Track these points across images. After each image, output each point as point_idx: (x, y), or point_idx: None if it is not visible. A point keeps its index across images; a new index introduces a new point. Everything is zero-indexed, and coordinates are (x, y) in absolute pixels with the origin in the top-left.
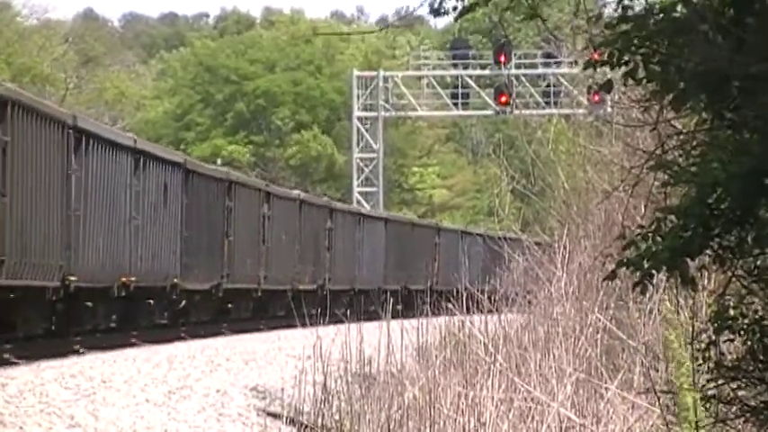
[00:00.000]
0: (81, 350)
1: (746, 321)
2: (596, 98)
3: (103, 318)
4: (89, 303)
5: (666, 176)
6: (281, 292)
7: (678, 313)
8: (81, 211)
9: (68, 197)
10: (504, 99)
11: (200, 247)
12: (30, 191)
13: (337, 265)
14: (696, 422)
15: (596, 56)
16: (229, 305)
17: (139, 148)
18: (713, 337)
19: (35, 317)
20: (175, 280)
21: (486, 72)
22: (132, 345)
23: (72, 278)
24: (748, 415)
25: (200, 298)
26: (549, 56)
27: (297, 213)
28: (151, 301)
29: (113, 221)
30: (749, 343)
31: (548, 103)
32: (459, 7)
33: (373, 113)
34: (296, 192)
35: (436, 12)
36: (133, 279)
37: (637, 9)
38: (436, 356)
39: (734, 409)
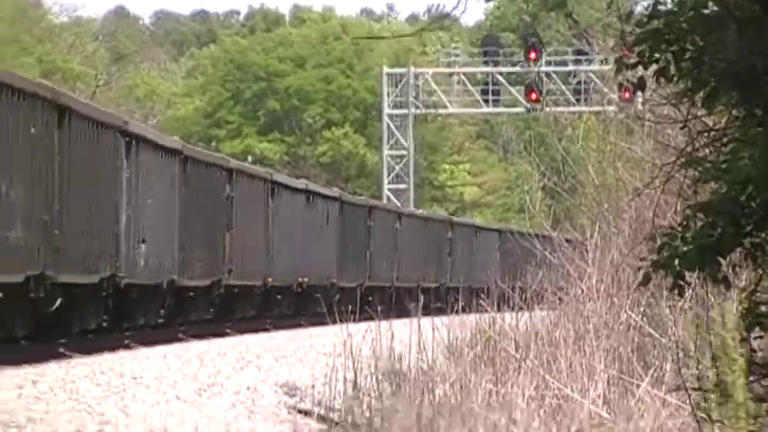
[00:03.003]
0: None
1: None
2: (627, 95)
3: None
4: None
5: (697, 173)
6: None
7: (709, 311)
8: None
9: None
10: (534, 96)
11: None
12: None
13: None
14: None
15: (627, 53)
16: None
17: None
18: (744, 335)
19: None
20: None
21: (517, 69)
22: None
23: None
24: None
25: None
26: (579, 53)
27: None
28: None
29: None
30: None
31: (578, 101)
32: None
33: (404, 111)
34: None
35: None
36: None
37: (668, 6)
38: (467, 353)
39: (765, 406)
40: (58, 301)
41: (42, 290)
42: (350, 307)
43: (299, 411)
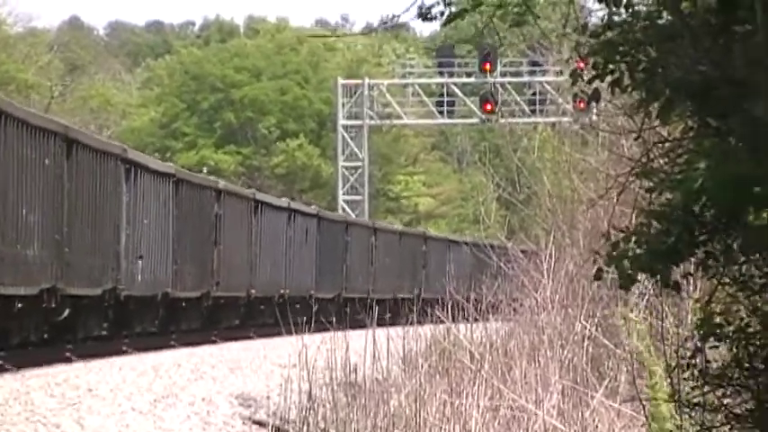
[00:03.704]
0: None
1: (732, 329)
2: (581, 105)
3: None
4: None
5: (652, 184)
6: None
7: (663, 321)
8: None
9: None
10: (489, 107)
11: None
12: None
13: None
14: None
15: (582, 64)
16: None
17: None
18: (699, 345)
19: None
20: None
21: (472, 80)
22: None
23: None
24: (734, 423)
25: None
26: (534, 64)
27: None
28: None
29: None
30: (734, 350)
31: (533, 111)
32: (447, 12)
33: (358, 122)
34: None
35: (424, 16)
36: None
37: (623, 16)
38: (422, 364)
39: (719, 416)
40: (67, 311)
41: (54, 301)
42: (327, 317)
43: (254, 422)
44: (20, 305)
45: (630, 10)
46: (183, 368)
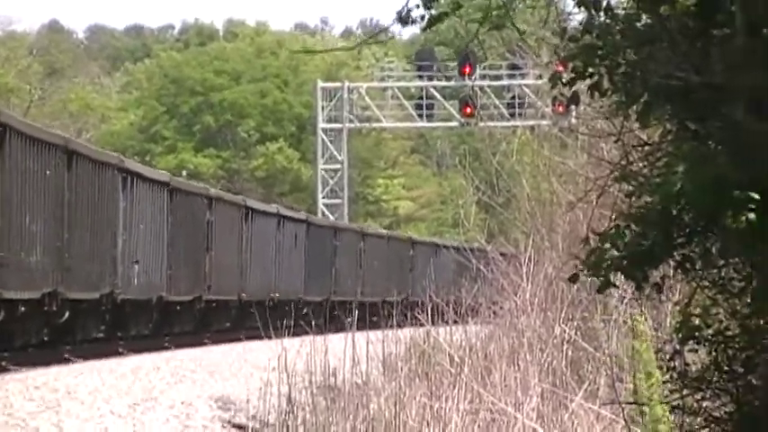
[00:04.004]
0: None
1: (711, 332)
2: (560, 108)
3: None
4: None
5: (631, 187)
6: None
7: (643, 324)
8: None
9: None
10: (468, 111)
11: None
12: None
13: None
14: None
15: (561, 67)
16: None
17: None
18: (678, 348)
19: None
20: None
21: (451, 83)
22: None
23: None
24: (713, 426)
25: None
26: (513, 67)
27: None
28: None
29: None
30: (714, 354)
31: (512, 115)
32: (427, 17)
33: (338, 125)
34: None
35: (404, 21)
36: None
37: (602, 19)
38: (401, 368)
39: (698, 419)
40: (67, 314)
41: (55, 304)
42: (316, 319)
43: (234, 426)
44: (23, 308)
45: (609, 13)
46: (162, 371)
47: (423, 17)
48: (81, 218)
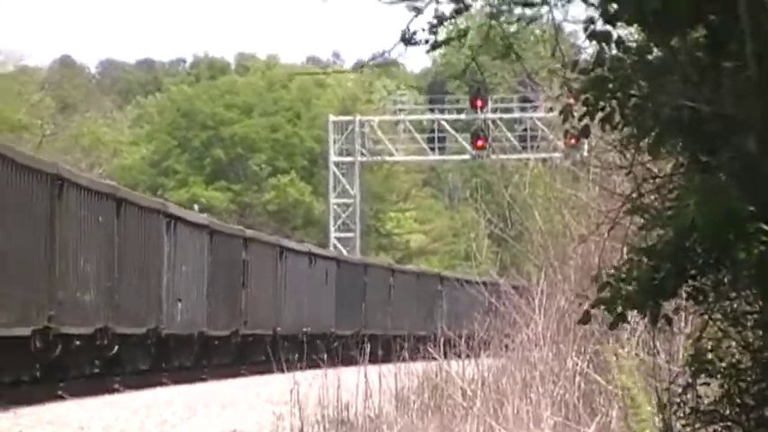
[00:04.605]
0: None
1: (723, 365)
2: (572, 141)
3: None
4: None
5: (643, 220)
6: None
7: (655, 357)
8: None
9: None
10: (480, 143)
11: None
12: None
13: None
14: None
15: (572, 100)
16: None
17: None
18: (690, 381)
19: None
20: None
21: (463, 117)
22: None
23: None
24: None
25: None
26: (525, 100)
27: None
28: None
29: None
30: (726, 386)
31: (524, 148)
32: (431, 41)
33: (350, 158)
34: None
35: (408, 41)
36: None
37: (613, 52)
38: (414, 401)
39: None
40: (116, 348)
41: (106, 339)
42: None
43: None
44: (77, 342)
45: (620, 46)
46: (175, 405)
47: (427, 41)
48: (129, 259)
